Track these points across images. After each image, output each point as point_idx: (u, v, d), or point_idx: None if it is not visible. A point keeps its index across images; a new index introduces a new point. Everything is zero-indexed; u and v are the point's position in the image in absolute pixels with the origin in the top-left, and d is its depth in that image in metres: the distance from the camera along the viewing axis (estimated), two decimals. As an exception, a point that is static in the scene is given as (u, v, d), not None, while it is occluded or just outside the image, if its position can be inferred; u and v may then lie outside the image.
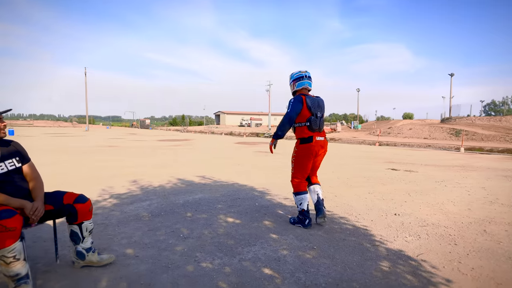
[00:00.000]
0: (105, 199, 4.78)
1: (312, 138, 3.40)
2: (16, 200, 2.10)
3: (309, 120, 3.39)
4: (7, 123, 2.38)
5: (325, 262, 2.60)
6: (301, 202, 3.48)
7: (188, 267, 2.50)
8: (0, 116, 2.19)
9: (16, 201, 2.10)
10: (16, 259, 1.95)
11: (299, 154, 3.48)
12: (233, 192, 5.29)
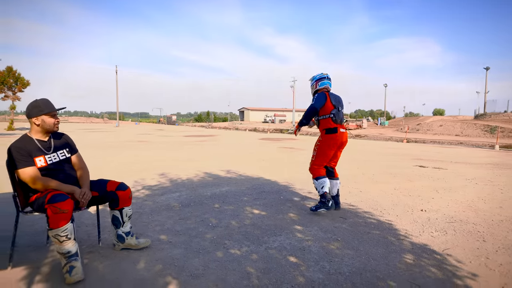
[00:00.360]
0: (138, 190, 5.07)
1: (337, 129, 3.79)
2: (67, 186, 2.34)
3: (333, 113, 3.81)
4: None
5: (349, 253, 2.68)
6: (322, 186, 3.76)
7: (217, 253, 2.66)
8: (55, 112, 2.44)
9: (67, 186, 2.34)
10: (68, 238, 2.18)
11: (323, 143, 3.83)
12: (258, 185, 5.43)
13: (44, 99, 2.41)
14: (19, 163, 2.26)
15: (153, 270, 2.35)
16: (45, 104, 2.37)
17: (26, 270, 2.33)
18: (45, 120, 2.37)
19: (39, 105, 2.35)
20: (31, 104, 2.37)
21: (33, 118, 2.35)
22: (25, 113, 2.37)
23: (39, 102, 2.37)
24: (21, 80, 29.11)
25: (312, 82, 4.07)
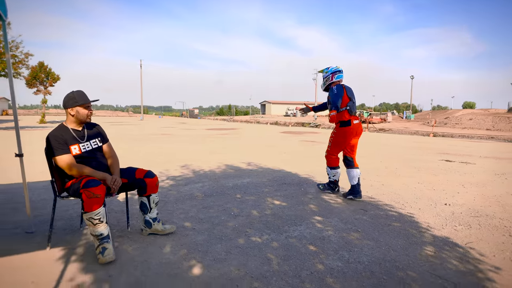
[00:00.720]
0: (163, 180, 5.26)
1: (350, 122, 4.05)
2: (99, 173, 2.50)
3: (349, 105, 4.05)
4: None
5: (369, 244, 2.70)
6: (334, 175, 4.30)
7: (239, 240, 2.76)
8: (89, 104, 2.59)
9: (100, 173, 2.50)
10: (101, 221, 2.34)
11: (338, 135, 4.14)
12: (279, 177, 5.49)
13: (79, 91, 2.57)
14: (56, 151, 2.43)
15: (178, 254, 2.48)
16: (80, 96, 2.52)
17: (63, 251, 2.52)
18: (79, 111, 2.53)
19: (74, 96, 2.51)
20: (68, 95, 2.53)
21: (68, 109, 2.52)
22: (62, 104, 2.54)
23: (75, 94, 2.52)
24: (52, 75, 30.44)
25: (328, 74, 4.25)
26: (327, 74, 4.26)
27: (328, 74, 4.25)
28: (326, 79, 4.27)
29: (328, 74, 4.25)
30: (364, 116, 33.67)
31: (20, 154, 2.89)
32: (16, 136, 2.92)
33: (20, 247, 2.60)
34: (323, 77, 4.31)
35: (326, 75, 4.27)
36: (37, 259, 2.38)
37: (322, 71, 4.35)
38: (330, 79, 4.24)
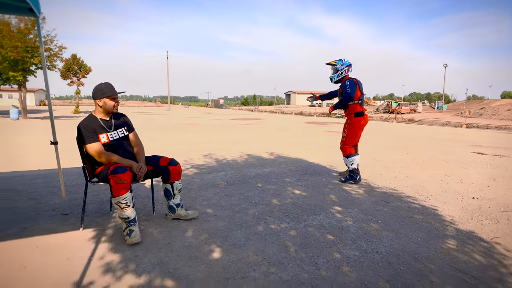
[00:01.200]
0: (187, 169, 5.42)
1: (363, 113, 4.36)
2: (126, 160, 2.64)
3: (361, 99, 4.36)
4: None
5: (388, 235, 2.68)
6: (352, 163, 4.40)
7: (258, 227, 2.83)
8: (116, 95, 2.72)
9: (126, 161, 2.64)
10: (127, 206, 2.49)
11: (353, 125, 4.37)
12: (301, 167, 5.50)
13: (107, 83, 2.70)
14: (86, 139, 2.59)
15: (200, 238, 2.59)
16: (107, 87, 2.65)
17: (94, 232, 2.71)
18: (106, 102, 2.66)
19: (102, 88, 2.64)
20: (96, 87, 2.67)
21: (97, 100, 2.66)
22: (91, 95, 2.69)
23: (103, 86, 2.66)
24: (84, 67, 31.68)
25: (344, 66, 4.41)
26: (343, 66, 4.41)
27: (344, 66, 4.42)
28: (342, 71, 4.43)
29: (344, 67, 4.42)
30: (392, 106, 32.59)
31: (55, 142, 3.09)
32: (51, 125, 3.13)
33: (57, 227, 2.82)
34: (338, 69, 4.43)
35: (342, 67, 4.42)
36: (71, 239, 2.58)
37: (335, 63, 4.45)
38: (345, 72, 4.43)
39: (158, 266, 2.14)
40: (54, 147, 3.13)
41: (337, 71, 4.43)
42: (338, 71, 4.43)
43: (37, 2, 2.69)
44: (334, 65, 4.45)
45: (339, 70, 4.42)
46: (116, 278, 1.99)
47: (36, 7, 2.68)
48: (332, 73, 4.50)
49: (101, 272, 2.06)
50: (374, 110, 35.12)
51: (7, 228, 2.80)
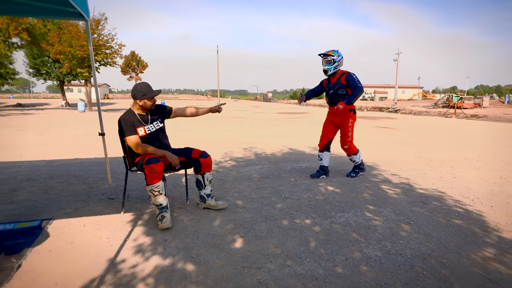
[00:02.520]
0: (226, 161, 5.62)
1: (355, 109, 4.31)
2: (160, 151, 2.85)
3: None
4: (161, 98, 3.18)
5: (418, 237, 2.56)
6: (360, 157, 4.46)
7: (283, 221, 2.88)
8: (155, 96, 2.91)
9: (161, 151, 2.84)
10: (160, 193, 2.70)
11: (353, 122, 4.32)
12: (339, 163, 5.40)
13: (145, 83, 2.88)
14: (126, 132, 2.84)
15: (225, 228, 2.72)
16: (147, 89, 2.82)
17: (132, 216, 2.98)
18: (146, 102, 2.87)
19: (142, 90, 2.83)
20: (135, 88, 2.87)
21: (137, 100, 2.87)
22: (131, 95, 2.93)
23: (143, 87, 2.84)
24: (142, 63, 33.92)
25: (340, 58, 4.17)
26: (339, 58, 4.16)
27: (340, 58, 4.16)
28: (338, 63, 4.18)
29: (340, 59, 4.17)
30: (453, 100, 30.00)
31: (102, 133, 3.43)
32: (99, 118, 3.47)
33: (103, 209, 3.14)
34: (335, 61, 4.13)
35: (338, 59, 4.15)
36: (112, 220, 2.87)
37: (333, 53, 4.13)
38: (341, 64, 4.23)
39: (183, 251, 2.30)
40: (102, 138, 3.48)
41: (334, 63, 4.14)
42: (335, 63, 4.14)
43: (86, 7, 2.98)
44: (331, 56, 4.12)
45: (335, 62, 4.14)
46: (145, 259, 2.19)
47: (86, 12, 2.97)
48: (328, 64, 4.17)
49: (133, 252, 2.28)
50: (432, 105, 32.65)
51: (63, 207, 3.20)
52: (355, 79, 4.07)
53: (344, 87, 4.16)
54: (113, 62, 22.58)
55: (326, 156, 4.44)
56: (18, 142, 7.74)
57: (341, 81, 4.17)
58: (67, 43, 20.25)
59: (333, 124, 4.43)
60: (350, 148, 4.33)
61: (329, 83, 4.31)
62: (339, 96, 4.20)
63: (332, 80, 4.28)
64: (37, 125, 12.23)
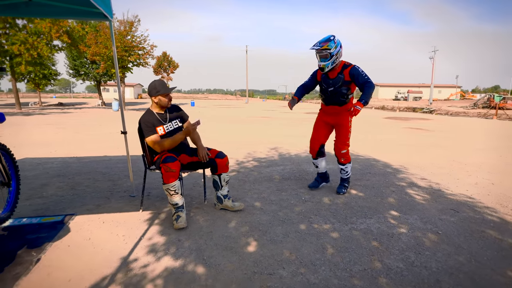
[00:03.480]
0: (248, 161, 5.58)
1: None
2: (178, 135, 2.84)
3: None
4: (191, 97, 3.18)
5: (446, 249, 2.36)
6: (350, 169, 3.76)
7: (300, 225, 2.78)
8: (169, 92, 2.92)
9: (178, 135, 2.84)
10: (176, 193, 2.70)
11: (351, 123, 3.65)
12: (365, 166, 5.18)
13: (160, 80, 2.92)
14: (146, 133, 2.86)
15: (240, 230, 2.67)
16: (160, 85, 2.85)
17: (150, 214, 3.01)
18: (161, 99, 2.89)
19: (156, 87, 2.85)
20: (150, 85, 2.91)
21: (152, 97, 2.90)
22: (147, 92, 2.95)
23: (157, 84, 2.87)
24: (173, 63, 34.81)
25: (338, 48, 3.29)
26: (338, 48, 3.28)
27: (338, 48, 3.29)
28: (337, 56, 3.31)
29: (338, 49, 3.29)
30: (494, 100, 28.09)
31: (124, 132, 3.50)
32: (121, 117, 3.55)
33: (123, 207, 3.21)
34: (332, 54, 3.25)
35: (337, 50, 3.27)
36: (131, 218, 2.91)
37: (328, 46, 3.22)
38: (341, 55, 3.36)
39: (195, 252, 2.28)
40: (124, 136, 3.55)
41: (331, 56, 3.26)
42: (332, 57, 3.27)
43: (109, 7, 3.05)
44: (327, 49, 3.23)
45: (333, 56, 3.26)
46: (156, 259, 2.19)
47: (109, 12, 3.04)
48: (323, 59, 3.29)
49: (146, 252, 2.29)
50: (470, 105, 30.78)
51: (86, 203, 3.29)
52: (363, 73, 3.33)
53: (347, 84, 3.39)
54: (145, 63, 23.35)
55: (322, 162, 3.82)
56: (55, 139, 8.18)
57: (344, 76, 3.37)
58: (102, 45, 21.20)
59: (326, 125, 3.69)
60: (347, 154, 3.61)
61: (327, 78, 3.48)
62: (342, 95, 3.45)
63: (332, 74, 3.44)
64: (74, 123, 12.88)
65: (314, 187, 3.86)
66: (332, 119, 3.63)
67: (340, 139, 3.60)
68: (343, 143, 3.57)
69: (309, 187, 3.88)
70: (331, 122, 3.65)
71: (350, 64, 3.40)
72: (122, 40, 21.32)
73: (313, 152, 3.77)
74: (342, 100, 3.49)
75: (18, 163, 3.00)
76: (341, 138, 3.59)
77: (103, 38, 21.20)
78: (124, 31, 21.55)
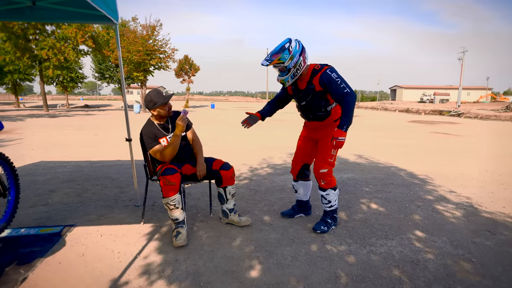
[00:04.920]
0: (262, 168, 5.35)
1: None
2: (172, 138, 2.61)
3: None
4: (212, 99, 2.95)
5: (483, 282, 2.02)
6: (336, 198, 2.82)
7: (312, 246, 2.50)
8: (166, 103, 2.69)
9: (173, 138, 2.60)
10: (176, 207, 2.49)
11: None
12: (387, 176, 4.81)
13: (155, 91, 2.68)
14: (148, 146, 2.67)
15: (244, 250, 2.42)
16: (157, 97, 2.62)
17: (151, 228, 2.82)
18: (159, 111, 2.67)
19: (152, 99, 2.62)
20: (146, 99, 2.66)
21: (151, 110, 2.69)
22: (145, 105, 2.76)
23: (152, 96, 2.63)
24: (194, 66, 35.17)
25: (296, 56, 2.52)
26: (296, 58, 2.52)
27: (296, 56, 2.52)
28: (298, 66, 2.56)
29: (297, 57, 2.53)
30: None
31: (129, 139, 3.35)
32: (126, 124, 3.41)
33: (125, 218, 3.04)
34: (289, 67, 2.53)
35: (295, 60, 2.52)
36: (130, 231, 2.73)
37: (280, 58, 2.48)
38: (302, 64, 2.58)
39: (192, 276, 2.05)
40: (129, 144, 3.40)
41: (288, 70, 2.57)
42: (291, 70, 2.56)
43: (114, 11, 2.91)
44: (281, 63, 2.51)
45: (291, 68, 2.55)
46: (149, 283, 1.98)
47: (113, 15, 2.90)
48: (281, 74, 2.62)
49: (139, 273, 2.09)
50: (502, 108, 29.12)
51: (89, 213, 3.16)
52: (337, 79, 2.52)
53: (321, 95, 2.64)
54: (166, 66, 23.66)
55: (303, 187, 3.07)
56: (73, 142, 8.27)
57: (314, 86, 2.62)
58: (125, 49, 21.65)
59: (310, 142, 2.98)
60: (328, 175, 2.70)
61: (297, 89, 2.76)
62: (318, 109, 2.71)
63: (301, 84, 2.72)
64: (95, 126, 13.11)
65: (287, 215, 3.11)
66: (314, 134, 2.92)
67: (320, 155, 2.75)
68: (324, 160, 2.70)
69: (281, 214, 3.15)
70: (314, 137, 2.93)
71: (321, 69, 2.60)
72: (144, 44, 21.69)
73: (293, 172, 3.07)
74: (320, 115, 2.75)
75: (32, 167, 2.91)
76: (321, 154, 2.74)
77: (126, 43, 21.66)
78: (146, 35, 21.92)
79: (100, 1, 2.63)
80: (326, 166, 2.71)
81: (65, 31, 21.21)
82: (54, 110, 27.68)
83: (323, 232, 2.74)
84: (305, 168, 3.06)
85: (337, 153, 2.77)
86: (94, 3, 2.50)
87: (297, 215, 3.15)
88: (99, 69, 37.35)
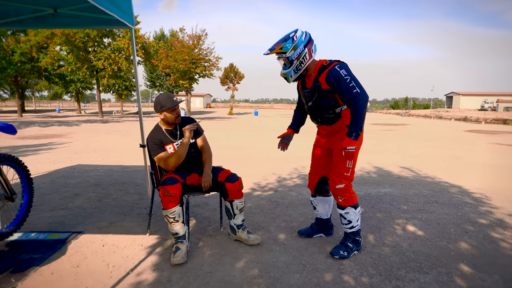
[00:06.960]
0: (291, 178, 5.02)
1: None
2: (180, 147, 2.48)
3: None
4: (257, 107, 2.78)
5: None
6: (358, 218, 2.43)
7: (326, 274, 2.14)
8: (176, 107, 2.53)
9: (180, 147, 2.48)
10: (176, 221, 2.29)
11: (359, 146, 2.41)
12: (432, 192, 4.21)
13: (165, 94, 2.54)
14: (153, 152, 2.52)
15: (247, 274, 2.14)
16: (165, 100, 2.48)
17: (155, 240, 2.66)
18: (166, 115, 2.51)
19: (160, 102, 2.48)
20: (155, 101, 2.55)
21: (158, 113, 2.55)
22: (154, 108, 2.62)
23: (161, 99, 2.50)
24: (239, 74, 35.74)
25: (300, 47, 2.26)
26: (300, 49, 2.25)
27: (301, 48, 2.26)
28: (303, 59, 2.28)
29: (301, 48, 2.26)
30: None
31: (143, 145, 3.26)
32: (140, 130, 3.32)
33: (133, 227, 2.93)
34: (292, 58, 2.28)
35: (299, 52, 2.26)
36: (133, 243, 2.59)
37: (282, 47, 2.26)
38: (307, 57, 2.29)
39: (179, 302, 1.82)
40: (143, 150, 3.31)
41: (291, 62, 2.30)
42: (294, 62, 2.29)
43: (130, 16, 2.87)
44: (282, 53, 2.28)
45: (293, 60, 2.29)
46: (130, 306, 1.78)
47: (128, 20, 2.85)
48: (284, 67, 2.37)
49: (125, 293, 1.91)
50: None
51: (101, 220, 3.11)
52: (347, 77, 2.21)
53: (328, 94, 2.31)
54: (210, 74, 24.28)
55: (323, 204, 2.70)
56: (114, 146, 8.63)
57: (320, 84, 2.31)
58: (172, 58, 22.63)
59: (324, 151, 2.61)
60: (347, 191, 2.36)
61: (304, 87, 2.47)
62: (325, 111, 2.38)
63: (308, 82, 2.43)
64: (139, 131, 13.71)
65: (304, 234, 2.75)
66: (326, 142, 2.54)
67: (334, 169, 2.40)
68: (339, 174, 2.36)
69: (298, 233, 2.79)
70: (326, 146, 2.57)
71: (329, 64, 2.30)
72: (190, 53, 22.49)
73: (310, 187, 2.72)
74: (329, 118, 2.40)
75: (69, 170, 2.92)
76: (336, 167, 2.39)
77: (173, 52, 22.64)
78: (192, 44, 22.73)
79: (115, 7, 2.59)
80: (342, 181, 2.35)
81: (119, 42, 22.79)
82: (109, 116, 29.76)
83: (342, 258, 2.36)
84: (324, 181, 2.66)
85: (354, 165, 2.39)
86: (109, 10, 2.46)
87: (316, 235, 2.77)
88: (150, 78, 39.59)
